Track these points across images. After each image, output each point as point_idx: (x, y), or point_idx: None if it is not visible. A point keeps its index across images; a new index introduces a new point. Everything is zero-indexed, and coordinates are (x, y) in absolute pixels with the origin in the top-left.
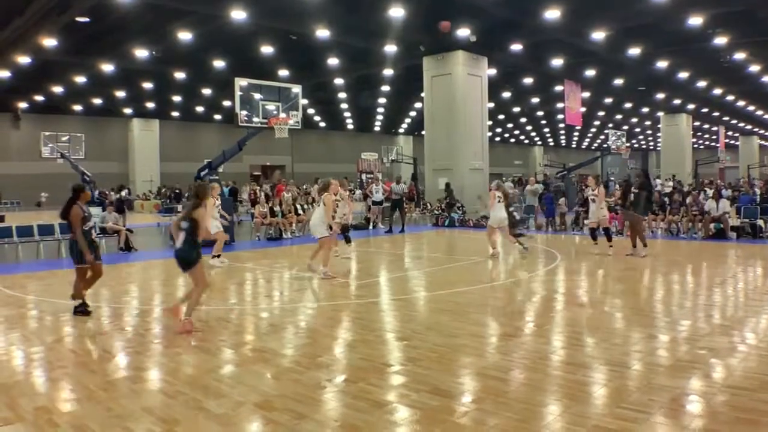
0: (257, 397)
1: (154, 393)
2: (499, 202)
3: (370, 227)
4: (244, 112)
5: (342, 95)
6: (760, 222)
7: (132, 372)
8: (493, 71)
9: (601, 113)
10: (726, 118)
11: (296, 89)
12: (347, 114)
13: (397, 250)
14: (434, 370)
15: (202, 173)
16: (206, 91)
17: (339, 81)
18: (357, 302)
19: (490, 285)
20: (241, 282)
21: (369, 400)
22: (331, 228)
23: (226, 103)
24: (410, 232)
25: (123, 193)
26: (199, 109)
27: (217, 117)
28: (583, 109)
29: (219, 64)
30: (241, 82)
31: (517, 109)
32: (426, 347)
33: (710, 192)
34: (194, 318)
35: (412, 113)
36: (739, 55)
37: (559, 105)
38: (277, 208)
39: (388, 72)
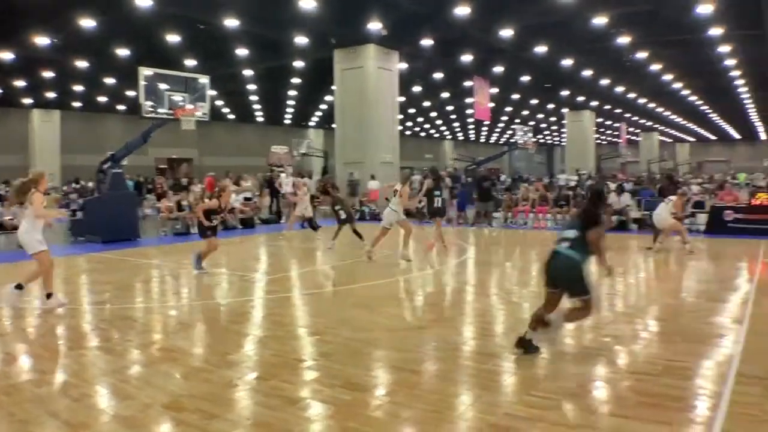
0: (166, 397)
1: (59, 396)
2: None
3: (282, 220)
4: (149, 103)
5: (251, 86)
6: None
7: (35, 375)
8: (404, 65)
9: (509, 109)
10: (628, 115)
11: (204, 80)
12: (257, 106)
13: (309, 244)
14: (347, 364)
15: (105, 166)
16: (109, 81)
17: (248, 72)
18: (268, 297)
19: (402, 278)
20: (147, 279)
21: (282, 396)
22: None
23: (131, 93)
24: (325, 226)
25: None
26: (102, 99)
27: (121, 107)
28: (492, 105)
29: (123, 52)
30: (145, 72)
31: (427, 104)
32: (339, 342)
33: (613, 186)
34: (98, 318)
35: (323, 106)
36: (641, 55)
37: (469, 100)
38: (185, 202)
39: (298, 64)
